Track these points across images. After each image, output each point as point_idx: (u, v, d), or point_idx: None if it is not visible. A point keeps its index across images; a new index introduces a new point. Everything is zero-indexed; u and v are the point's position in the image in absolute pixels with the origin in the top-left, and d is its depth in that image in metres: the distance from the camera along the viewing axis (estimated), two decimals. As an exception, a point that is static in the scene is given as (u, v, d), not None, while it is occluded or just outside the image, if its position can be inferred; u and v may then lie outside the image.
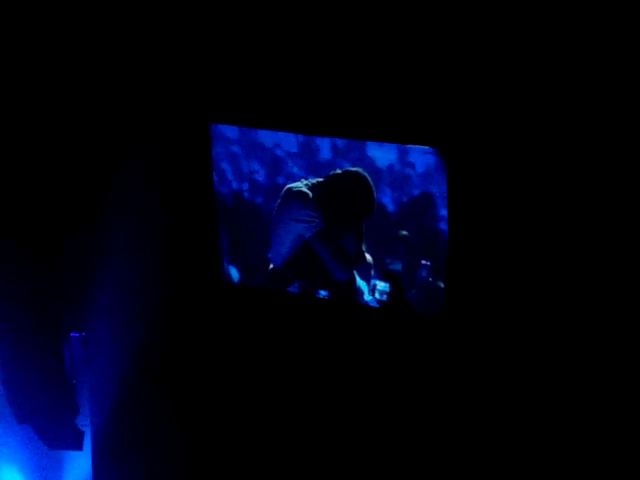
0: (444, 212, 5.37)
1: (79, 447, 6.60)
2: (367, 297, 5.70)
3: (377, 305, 5.68)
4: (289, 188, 5.74)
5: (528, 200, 5.20)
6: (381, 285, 5.64)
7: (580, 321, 5.18)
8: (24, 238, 6.27)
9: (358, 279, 5.72)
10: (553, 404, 5.33)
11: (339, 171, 5.62)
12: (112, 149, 6.24)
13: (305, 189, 5.68)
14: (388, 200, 5.54)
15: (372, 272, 5.67)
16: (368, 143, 5.52)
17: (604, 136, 4.96)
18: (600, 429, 5.22)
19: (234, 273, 6.07)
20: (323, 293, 5.82)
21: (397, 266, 5.58)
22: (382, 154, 5.51)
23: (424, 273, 5.52)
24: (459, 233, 5.38)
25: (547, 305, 5.26)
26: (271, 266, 5.92)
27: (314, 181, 5.70)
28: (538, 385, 5.36)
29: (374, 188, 5.53)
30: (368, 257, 5.67)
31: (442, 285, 5.49)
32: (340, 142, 5.60)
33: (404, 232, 5.53)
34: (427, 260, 5.51)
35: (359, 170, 5.56)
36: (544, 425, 5.37)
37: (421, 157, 5.39)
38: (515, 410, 5.44)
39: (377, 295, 5.65)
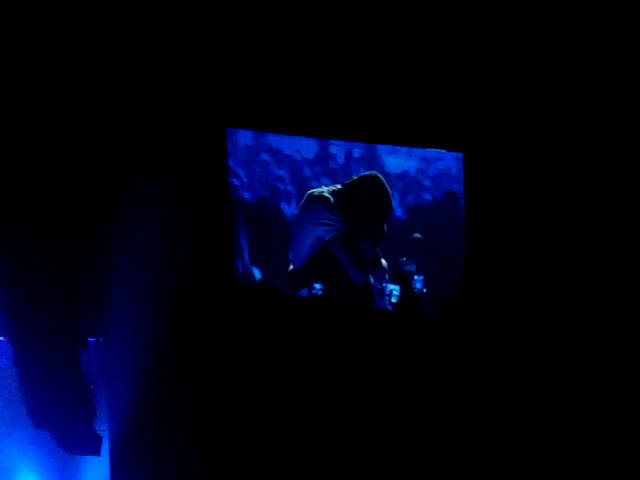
0: (458, 215, 5.38)
1: (97, 452, 6.60)
2: (380, 299, 5.77)
3: (390, 307, 5.73)
4: (311, 193, 5.85)
5: (544, 205, 5.18)
6: (396, 289, 5.68)
7: (600, 325, 5.15)
8: (40, 244, 6.29)
9: (373, 282, 5.76)
10: (569, 409, 5.31)
11: (355, 177, 5.72)
12: (128, 154, 6.26)
13: (327, 194, 5.77)
14: (401, 205, 5.62)
15: (386, 276, 5.70)
16: (381, 150, 5.60)
17: (624, 141, 4.94)
18: (610, 433, 5.20)
19: (257, 274, 6.12)
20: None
21: (412, 268, 5.63)
22: (395, 160, 5.56)
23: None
24: (475, 237, 5.37)
25: (564, 309, 5.23)
26: (291, 267, 6.01)
27: (334, 187, 5.78)
28: (554, 388, 5.34)
29: (390, 189, 5.62)
30: (383, 262, 5.72)
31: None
32: (355, 150, 5.70)
33: (417, 235, 5.58)
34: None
35: (373, 173, 5.66)
36: (555, 427, 5.36)
37: (434, 162, 5.42)
38: (530, 414, 5.43)
39: (393, 299, 5.70)
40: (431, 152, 5.46)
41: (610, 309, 5.11)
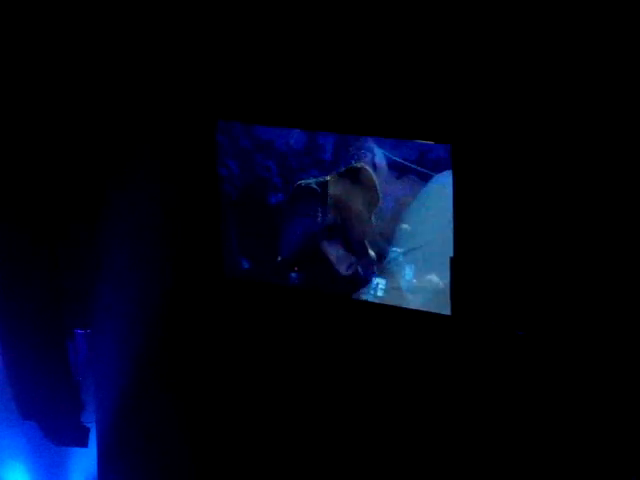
0: (447, 206, 5.38)
1: (84, 444, 6.60)
2: (368, 292, 5.77)
3: (376, 300, 5.74)
4: (299, 184, 5.84)
5: (532, 195, 5.19)
6: (382, 282, 5.69)
7: (585, 316, 5.16)
8: (27, 235, 6.28)
9: (361, 273, 5.78)
10: (557, 401, 5.32)
11: (343, 169, 5.72)
12: (115, 146, 6.24)
13: (314, 185, 5.78)
14: (388, 196, 5.63)
15: (375, 268, 5.71)
16: (369, 141, 5.62)
17: (611, 136, 4.95)
18: (604, 426, 5.21)
19: (245, 265, 6.14)
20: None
21: (399, 259, 5.63)
22: (383, 151, 5.59)
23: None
24: (464, 229, 5.37)
25: (552, 301, 5.24)
26: (279, 258, 6.01)
27: (322, 178, 5.78)
28: (542, 381, 5.34)
29: (377, 181, 5.63)
30: (371, 253, 5.72)
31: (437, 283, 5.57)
32: (343, 141, 5.70)
33: (405, 226, 5.59)
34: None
35: (361, 164, 5.66)
36: (547, 422, 5.36)
37: (423, 153, 5.44)
38: (518, 407, 5.43)
39: (379, 293, 5.70)
40: (420, 143, 5.46)
41: (599, 299, 5.12)
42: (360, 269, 5.78)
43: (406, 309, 5.64)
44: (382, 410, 5.85)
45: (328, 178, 5.78)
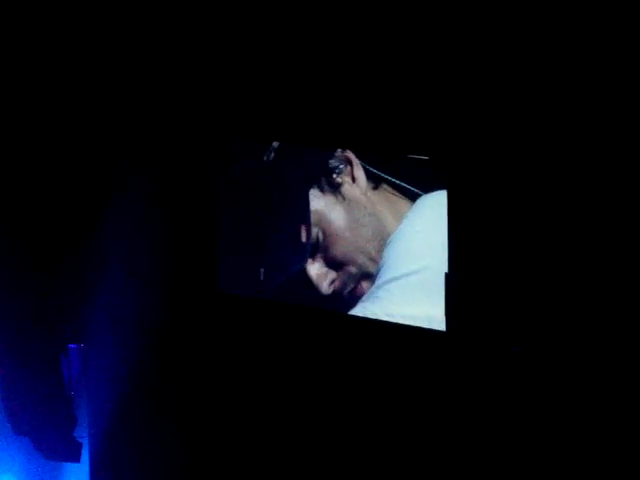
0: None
1: (77, 459, 6.58)
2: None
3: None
4: (291, 207, 5.78)
5: (527, 212, 5.17)
6: (370, 308, 5.66)
7: (582, 332, 5.14)
8: (22, 249, 6.29)
9: (344, 295, 5.74)
10: (552, 418, 5.29)
11: (325, 181, 5.68)
12: (111, 158, 6.24)
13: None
14: (371, 211, 5.61)
15: (360, 291, 5.70)
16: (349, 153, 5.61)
17: (604, 150, 4.93)
18: (601, 440, 5.17)
19: (238, 282, 6.09)
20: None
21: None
22: (363, 163, 5.60)
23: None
24: (458, 245, 5.35)
25: (548, 317, 5.22)
26: (264, 275, 5.96)
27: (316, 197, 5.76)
28: (538, 398, 5.32)
29: (358, 195, 5.61)
30: (354, 270, 5.67)
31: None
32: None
33: (393, 249, 5.56)
34: None
35: (343, 178, 5.63)
36: (543, 439, 5.33)
37: (409, 168, 5.41)
38: (514, 424, 5.40)
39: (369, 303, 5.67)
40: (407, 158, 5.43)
41: (596, 316, 5.09)
42: (343, 289, 5.72)
43: (401, 325, 5.61)
44: (377, 428, 5.82)
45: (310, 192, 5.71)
